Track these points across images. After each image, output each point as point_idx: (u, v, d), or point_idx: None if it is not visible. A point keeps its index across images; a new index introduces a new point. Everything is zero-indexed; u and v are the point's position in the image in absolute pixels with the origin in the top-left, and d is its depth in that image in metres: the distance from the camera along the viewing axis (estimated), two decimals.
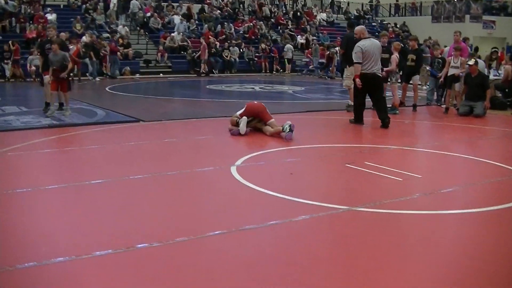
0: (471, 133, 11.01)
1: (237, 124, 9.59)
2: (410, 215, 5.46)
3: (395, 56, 13.36)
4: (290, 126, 9.25)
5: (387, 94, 14.01)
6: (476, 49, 22.05)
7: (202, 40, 26.16)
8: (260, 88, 19.95)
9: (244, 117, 9.62)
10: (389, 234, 4.91)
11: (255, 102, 10.18)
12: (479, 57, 15.81)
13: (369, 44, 11.03)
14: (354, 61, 11.14)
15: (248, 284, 3.80)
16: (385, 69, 13.16)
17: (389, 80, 13.54)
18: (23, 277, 3.81)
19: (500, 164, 7.81)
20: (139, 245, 4.35)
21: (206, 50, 25.50)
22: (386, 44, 13.84)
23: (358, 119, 11.36)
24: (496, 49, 19.54)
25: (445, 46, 16.99)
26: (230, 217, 5.27)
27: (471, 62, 13.24)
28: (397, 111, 13.27)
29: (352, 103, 12.56)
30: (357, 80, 10.94)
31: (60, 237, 4.61)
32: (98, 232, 4.73)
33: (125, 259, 4.14)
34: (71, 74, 12.08)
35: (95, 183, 6.36)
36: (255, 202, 5.84)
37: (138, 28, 28.27)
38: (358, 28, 12.12)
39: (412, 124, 12.48)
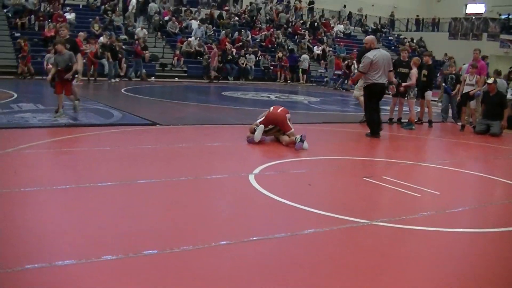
0: (488, 152, 10.94)
1: (255, 132, 9.53)
2: (429, 231, 5.39)
3: (415, 71, 13.34)
4: (301, 136, 9.20)
5: (404, 109, 14.00)
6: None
7: (213, 46, 26.14)
8: (275, 97, 19.92)
9: (261, 125, 9.54)
10: (407, 249, 4.88)
11: (279, 110, 9.84)
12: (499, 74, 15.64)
13: (379, 55, 11.09)
14: (359, 70, 11.28)
15: None
16: (403, 84, 13.16)
17: (407, 95, 13.51)
18: (28, 279, 3.74)
19: None
20: (146, 252, 4.28)
21: (217, 57, 25.45)
22: (407, 59, 13.84)
23: (374, 132, 11.33)
24: None
25: (464, 64, 16.90)
26: (250, 225, 5.26)
27: (490, 80, 13.18)
28: (414, 127, 13.21)
29: None
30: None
31: (64, 239, 4.54)
32: (104, 235, 4.67)
33: (131, 265, 4.07)
34: (76, 75, 11.81)
35: (107, 185, 6.33)
36: (276, 212, 5.79)
37: (156, 31, 28.32)
38: (369, 37, 12.26)
39: (429, 140, 12.42)
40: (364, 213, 5.86)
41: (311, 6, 38.63)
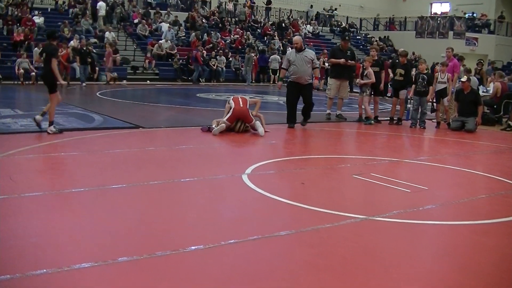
0: (466, 147, 11.21)
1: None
2: (426, 225, 5.58)
3: (371, 70, 13.56)
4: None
5: (380, 107, 14.24)
6: None
7: (107, 46, 24.27)
8: (250, 97, 19.96)
9: (222, 124, 10.52)
10: (408, 244, 5.04)
11: (241, 105, 10.80)
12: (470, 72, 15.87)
13: None
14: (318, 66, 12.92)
15: None
16: (362, 81, 13.59)
17: (363, 93, 13.72)
18: (44, 283, 3.77)
19: (501, 178, 8.00)
20: (159, 252, 4.36)
21: (111, 58, 23.70)
22: (376, 58, 14.12)
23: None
24: (481, 61, 19.60)
25: (437, 63, 17.15)
26: (255, 224, 5.36)
27: (464, 79, 13.46)
28: (367, 120, 13.80)
29: (330, 112, 14.36)
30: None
31: (77, 243, 4.57)
32: (116, 238, 4.76)
33: (141, 267, 4.14)
34: None
35: (113, 188, 6.39)
36: (276, 210, 5.92)
37: (125, 33, 28.23)
38: (299, 38, 12.85)
39: (407, 138, 12.59)
40: (360, 209, 6.02)
41: (268, 6, 38.60)
